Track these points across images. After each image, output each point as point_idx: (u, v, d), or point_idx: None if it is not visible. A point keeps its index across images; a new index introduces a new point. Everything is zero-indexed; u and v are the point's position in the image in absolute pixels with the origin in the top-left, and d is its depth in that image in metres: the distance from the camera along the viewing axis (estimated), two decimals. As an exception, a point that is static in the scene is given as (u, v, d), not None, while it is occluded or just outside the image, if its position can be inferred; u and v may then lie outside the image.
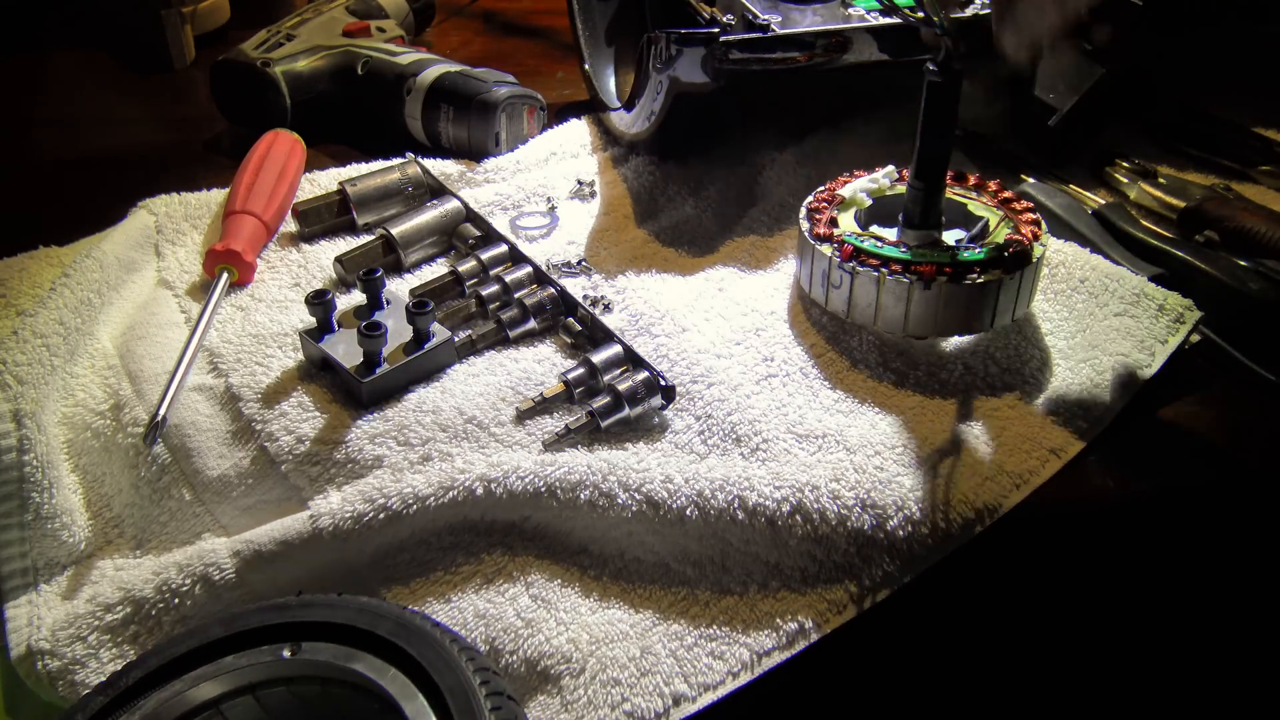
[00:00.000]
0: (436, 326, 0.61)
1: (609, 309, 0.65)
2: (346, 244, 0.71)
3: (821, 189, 0.66)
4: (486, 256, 0.67)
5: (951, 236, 0.61)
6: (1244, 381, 0.60)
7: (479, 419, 0.57)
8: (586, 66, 0.87)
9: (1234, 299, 0.61)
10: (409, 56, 0.84)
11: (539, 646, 0.49)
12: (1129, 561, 0.57)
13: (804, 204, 0.64)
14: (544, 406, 0.58)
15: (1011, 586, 0.57)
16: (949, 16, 0.65)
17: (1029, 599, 0.58)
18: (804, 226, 0.62)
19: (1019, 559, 0.55)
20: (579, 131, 0.84)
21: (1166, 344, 0.59)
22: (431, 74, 0.81)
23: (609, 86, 0.86)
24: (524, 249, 0.68)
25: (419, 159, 0.76)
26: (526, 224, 0.73)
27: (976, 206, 0.63)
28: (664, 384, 0.57)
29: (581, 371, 0.59)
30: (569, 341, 0.63)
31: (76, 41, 1.05)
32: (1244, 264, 0.64)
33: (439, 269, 0.70)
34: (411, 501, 0.51)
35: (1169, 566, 0.58)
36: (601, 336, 0.61)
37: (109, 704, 0.40)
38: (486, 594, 0.51)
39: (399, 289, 0.65)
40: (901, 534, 0.50)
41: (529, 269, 0.65)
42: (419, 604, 0.51)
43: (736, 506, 0.51)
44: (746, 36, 0.67)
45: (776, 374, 0.60)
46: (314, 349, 0.60)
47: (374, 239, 0.69)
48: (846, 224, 0.62)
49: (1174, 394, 0.59)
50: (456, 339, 0.61)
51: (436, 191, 0.74)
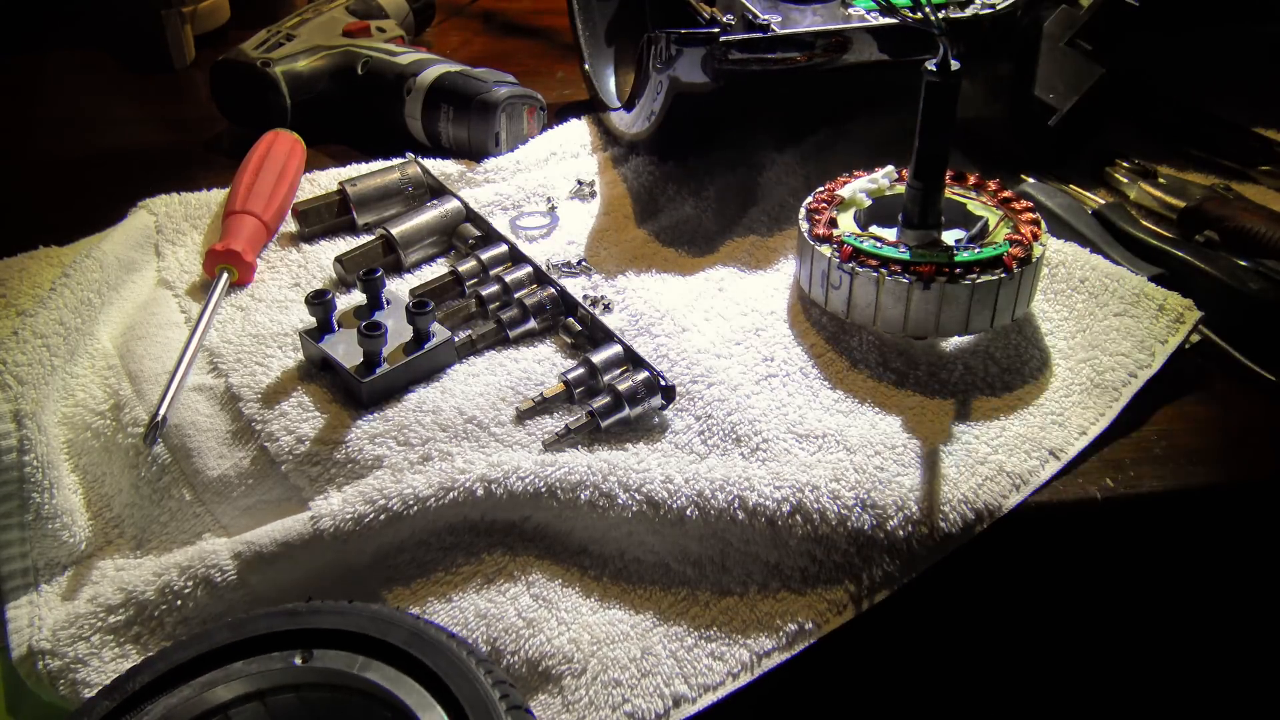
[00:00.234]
0: (436, 326, 0.61)
1: (609, 309, 0.65)
2: (346, 244, 0.71)
3: (821, 189, 0.66)
4: (486, 256, 0.67)
5: (951, 236, 0.61)
6: (1244, 381, 0.60)
7: (479, 419, 0.57)
8: (586, 66, 0.87)
9: (1234, 299, 0.61)
10: (409, 56, 0.84)
11: (540, 647, 0.49)
12: (1129, 562, 0.57)
13: (803, 204, 0.64)
14: (544, 406, 0.58)
15: (1011, 586, 0.57)
16: (946, 17, 0.65)
17: (1028, 599, 0.58)
18: (803, 227, 0.62)
19: (1019, 559, 0.55)
20: (579, 131, 0.84)
21: (1166, 344, 0.59)
22: (431, 74, 0.81)
23: (609, 86, 0.86)
24: (524, 249, 0.68)
25: (419, 159, 0.76)
26: (526, 224, 0.73)
27: (976, 206, 0.63)
28: (664, 384, 0.57)
29: (581, 371, 0.59)
30: (569, 341, 0.63)
31: (76, 41, 1.04)
32: (1244, 264, 0.64)
33: (439, 269, 0.70)
34: (412, 502, 0.51)
35: (1169, 567, 0.58)
36: (601, 336, 0.61)
37: (115, 708, 0.40)
38: (487, 594, 0.51)
39: (399, 289, 0.65)
40: (901, 534, 0.50)
41: (529, 269, 0.65)
42: (420, 604, 0.51)
43: (736, 506, 0.51)
44: (746, 36, 0.67)
45: (776, 374, 0.60)
46: (314, 349, 0.60)
47: (374, 239, 0.69)
48: (846, 224, 0.62)
49: (1174, 394, 0.59)
50: (456, 339, 0.61)
51: (436, 191, 0.74)
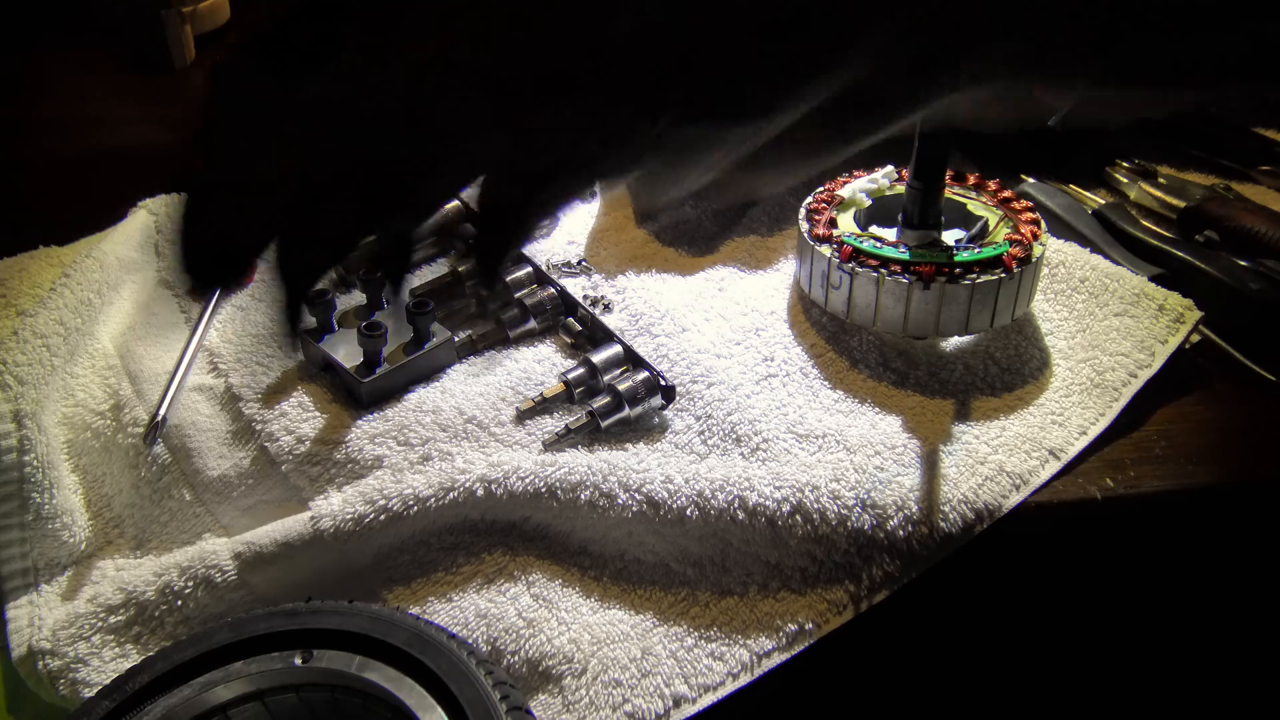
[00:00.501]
0: (436, 326, 0.61)
1: (609, 309, 0.65)
2: (346, 244, 0.71)
3: (821, 189, 0.66)
4: (486, 256, 0.67)
5: (951, 236, 0.61)
6: (1244, 381, 0.60)
7: (479, 419, 0.57)
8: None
9: (1234, 299, 0.61)
10: (409, 56, 0.84)
11: (541, 647, 0.49)
12: (1129, 562, 0.57)
13: (803, 204, 0.64)
14: (544, 406, 0.58)
15: (1011, 586, 0.57)
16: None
17: (1028, 599, 0.58)
18: (803, 227, 0.62)
19: (1019, 559, 0.55)
20: (579, 131, 0.83)
21: (1166, 344, 0.59)
22: (431, 74, 0.81)
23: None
24: (524, 249, 0.68)
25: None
26: (526, 224, 0.73)
27: (976, 206, 0.63)
28: (664, 384, 0.57)
29: (581, 371, 0.59)
30: (569, 341, 0.63)
31: (76, 41, 1.04)
32: (1244, 264, 0.64)
33: (439, 269, 0.70)
34: (412, 502, 0.51)
35: (1169, 567, 0.58)
36: (601, 336, 0.61)
37: (115, 708, 0.40)
38: (488, 594, 0.51)
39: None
40: (901, 534, 0.50)
41: (529, 269, 0.65)
42: (420, 604, 0.51)
43: (737, 506, 0.51)
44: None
45: (776, 374, 0.60)
46: (314, 349, 0.60)
47: (374, 239, 0.69)
48: (846, 224, 0.62)
49: (1174, 394, 0.59)
50: (456, 339, 0.61)
51: (436, 191, 0.74)
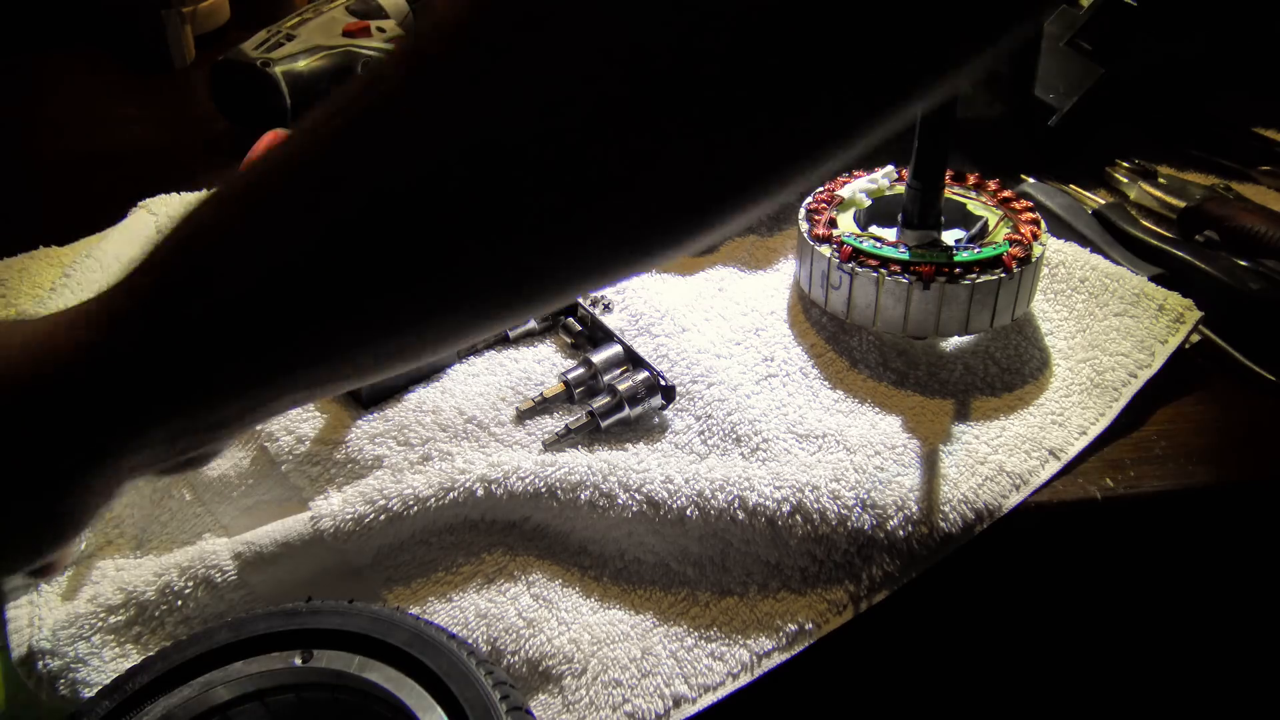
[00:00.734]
0: (437, 327, 0.61)
1: (609, 309, 0.65)
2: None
3: (820, 189, 0.66)
4: (486, 257, 0.67)
5: (951, 236, 0.61)
6: (1244, 381, 0.60)
7: (479, 419, 0.57)
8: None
9: (1234, 299, 0.61)
10: (409, 56, 0.84)
11: (541, 647, 0.49)
12: (1129, 562, 0.57)
13: (803, 204, 0.64)
14: (544, 406, 0.58)
15: (1011, 586, 0.57)
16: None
17: (1028, 599, 0.58)
18: (803, 227, 0.62)
19: (1019, 559, 0.55)
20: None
21: (1166, 344, 0.59)
22: (431, 74, 0.81)
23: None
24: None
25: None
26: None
27: (976, 206, 0.63)
28: (664, 384, 0.57)
29: (581, 371, 0.59)
30: (569, 341, 0.63)
31: (76, 41, 1.04)
32: (1244, 264, 0.64)
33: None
34: (412, 502, 0.51)
35: (1169, 567, 0.58)
36: (601, 336, 0.61)
37: (115, 708, 0.40)
38: (488, 593, 0.51)
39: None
40: (901, 534, 0.50)
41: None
42: (420, 604, 0.51)
43: (737, 506, 0.51)
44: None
45: (776, 374, 0.60)
46: (314, 349, 0.60)
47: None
48: (845, 224, 0.62)
49: (1174, 394, 0.59)
50: (457, 339, 0.61)
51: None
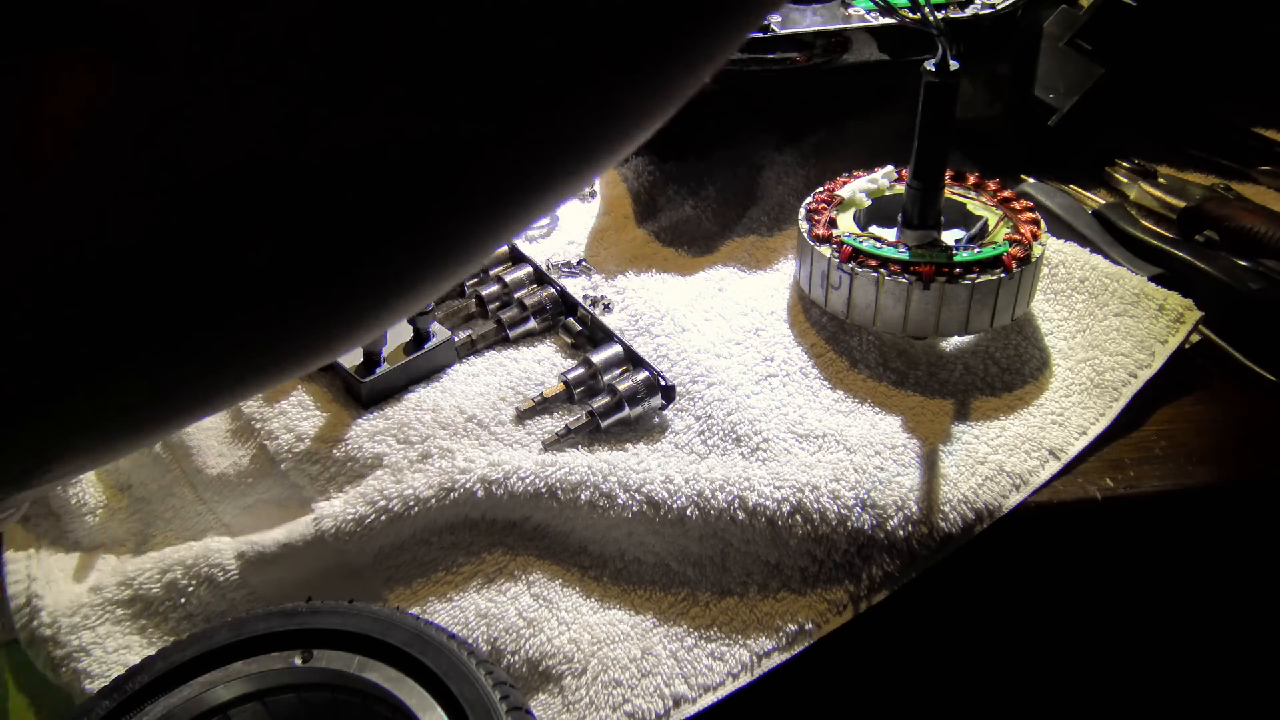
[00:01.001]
0: (436, 326, 0.61)
1: (609, 309, 0.65)
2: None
3: (821, 189, 0.66)
4: (486, 256, 0.67)
5: (951, 236, 0.61)
6: (1244, 381, 0.60)
7: (479, 418, 0.57)
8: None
9: (1234, 299, 0.61)
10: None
11: (541, 646, 0.49)
12: (1129, 562, 0.57)
13: (803, 204, 0.64)
14: (544, 406, 0.58)
15: (1011, 586, 0.57)
16: (946, 17, 0.65)
17: (1028, 599, 0.58)
18: (803, 227, 0.62)
19: (1019, 559, 0.55)
20: (579, 131, 0.83)
21: (1166, 344, 0.59)
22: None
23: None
24: (524, 249, 0.68)
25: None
26: (526, 224, 0.73)
27: (976, 206, 0.63)
28: (664, 384, 0.57)
29: (581, 371, 0.59)
30: (569, 341, 0.63)
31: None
32: (1244, 264, 0.64)
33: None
34: (413, 503, 0.51)
35: (1169, 567, 0.58)
36: (601, 336, 0.61)
37: (115, 708, 0.40)
38: (488, 593, 0.51)
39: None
40: (901, 534, 0.50)
41: (529, 269, 0.65)
42: (421, 604, 0.51)
43: (737, 506, 0.51)
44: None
45: (776, 374, 0.60)
46: (314, 349, 0.60)
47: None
48: (845, 224, 0.62)
49: (1174, 394, 0.59)
50: (456, 339, 0.61)
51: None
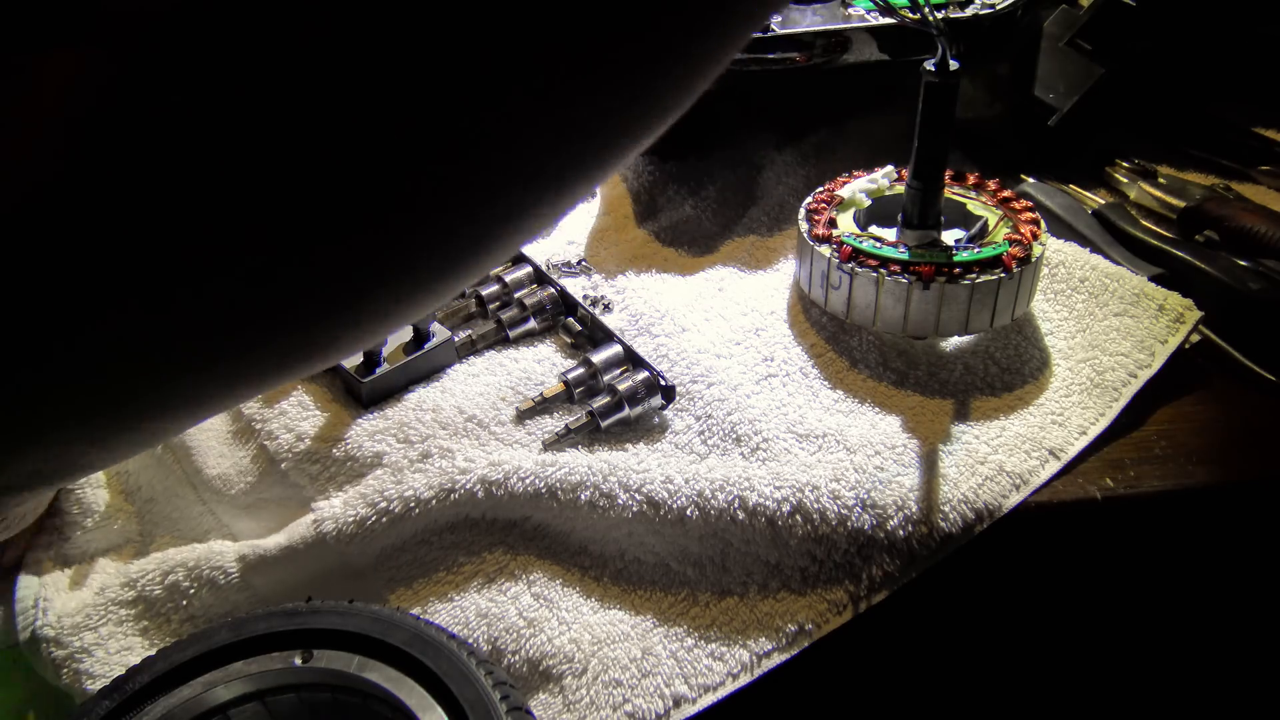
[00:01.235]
0: (436, 326, 0.61)
1: (609, 309, 0.65)
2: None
3: (820, 189, 0.66)
4: (486, 256, 0.67)
5: (951, 236, 0.61)
6: (1244, 381, 0.60)
7: (479, 418, 0.57)
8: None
9: (1234, 299, 0.61)
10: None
11: (541, 646, 0.49)
12: (1129, 562, 0.57)
13: (803, 204, 0.64)
14: (544, 406, 0.58)
15: (1011, 586, 0.57)
16: (946, 17, 0.65)
17: (1028, 599, 0.58)
18: (803, 227, 0.62)
19: (1019, 559, 0.55)
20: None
21: (1166, 344, 0.59)
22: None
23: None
24: (524, 249, 0.68)
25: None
26: (526, 224, 0.73)
27: (976, 206, 0.63)
28: (664, 384, 0.57)
29: (581, 371, 0.59)
30: (569, 341, 0.63)
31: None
32: (1244, 264, 0.64)
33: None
34: (413, 504, 0.51)
35: (1169, 567, 0.58)
36: (601, 336, 0.61)
37: (115, 708, 0.40)
38: (488, 593, 0.51)
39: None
40: (901, 534, 0.50)
41: (529, 269, 0.65)
42: (422, 604, 0.51)
43: (737, 506, 0.51)
44: (747, 36, 0.67)
45: (776, 374, 0.60)
46: (314, 349, 0.60)
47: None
48: (845, 224, 0.62)
49: (1174, 394, 0.59)
50: (456, 339, 0.61)
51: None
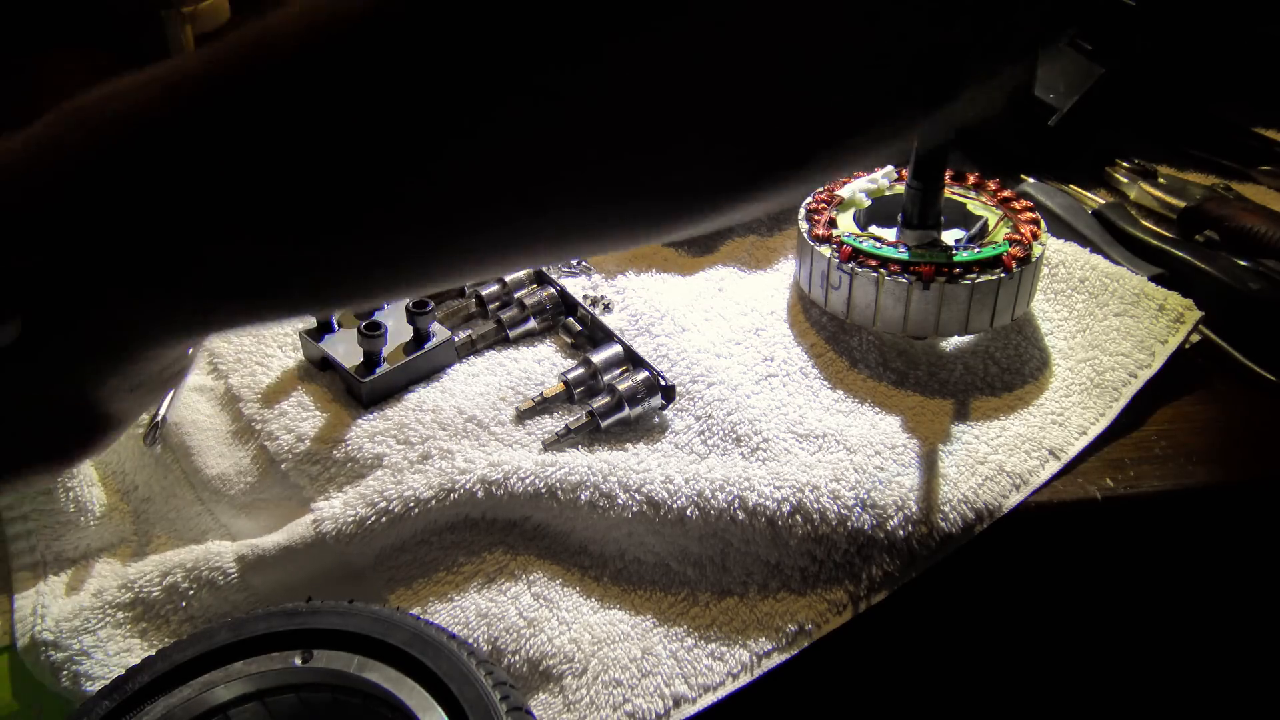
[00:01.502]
0: (436, 326, 0.61)
1: (609, 309, 0.65)
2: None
3: (820, 189, 0.66)
4: (487, 256, 0.67)
5: (951, 236, 0.61)
6: (1244, 381, 0.60)
7: (479, 418, 0.57)
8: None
9: (1234, 299, 0.61)
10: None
11: (541, 646, 0.49)
12: (1129, 562, 0.57)
13: (803, 204, 0.64)
14: (544, 406, 0.58)
15: (1011, 586, 0.57)
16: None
17: (1028, 599, 0.58)
18: (803, 227, 0.62)
19: (1019, 559, 0.55)
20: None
21: (1166, 344, 0.59)
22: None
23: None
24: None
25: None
26: (526, 224, 0.73)
27: (976, 206, 0.63)
28: (664, 384, 0.57)
29: (581, 371, 0.59)
30: (569, 341, 0.63)
31: (77, 41, 1.04)
32: (1244, 264, 0.64)
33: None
34: (413, 504, 0.51)
35: (1169, 567, 0.58)
36: (601, 336, 0.61)
37: (115, 708, 0.40)
38: (488, 593, 0.51)
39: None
40: (901, 534, 0.50)
41: (529, 268, 0.65)
42: (422, 604, 0.51)
43: (737, 506, 0.51)
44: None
45: (776, 374, 0.60)
46: (314, 349, 0.60)
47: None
48: (845, 224, 0.62)
49: (1174, 394, 0.59)
50: (456, 339, 0.61)
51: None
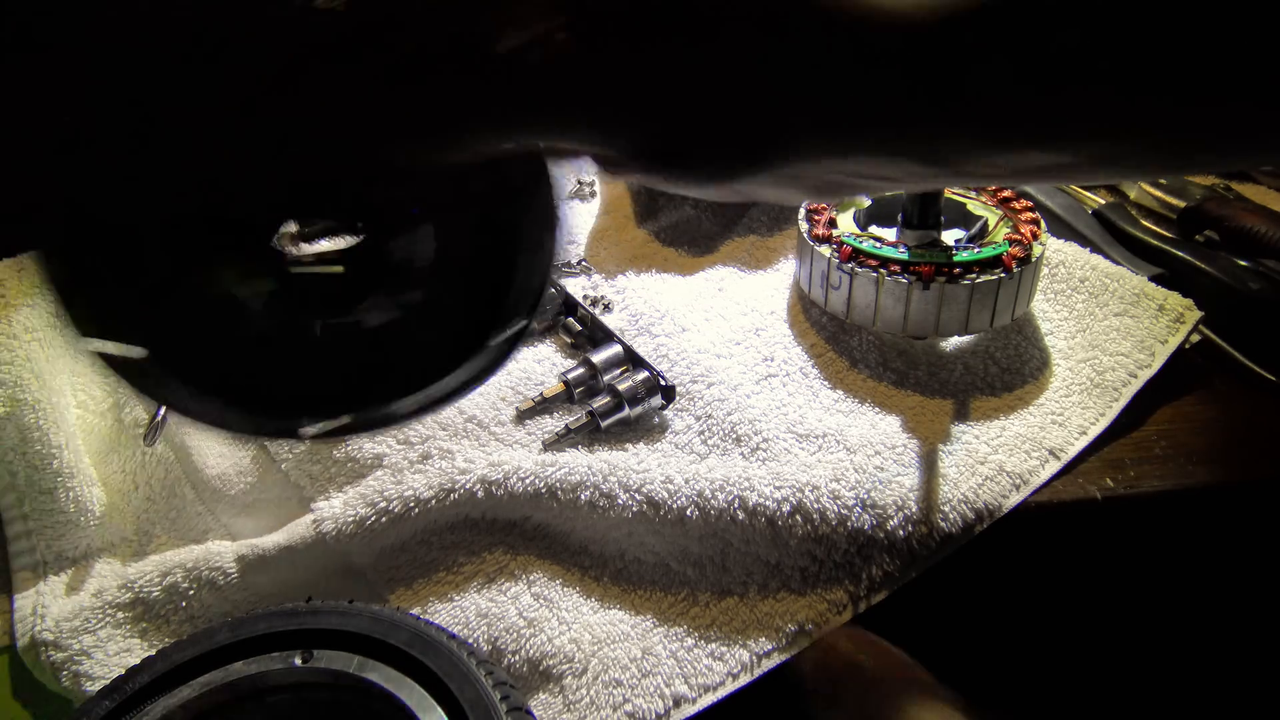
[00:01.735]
0: (437, 326, 0.61)
1: (609, 309, 0.65)
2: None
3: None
4: (487, 256, 0.67)
5: (951, 236, 0.61)
6: (1244, 381, 0.60)
7: (479, 418, 0.57)
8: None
9: (1234, 299, 0.61)
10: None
11: (541, 646, 0.49)
12: (1129, 562, 0.57)
13: (803, 204, 0.64)
14: (544, 406, 0.58)
15: (1011, 586, 0.57)
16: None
17: (1028, 599, 0.58)
18: (803, 228, 0.62)
19: (1019, 559, 0.55)
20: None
21: (1166, 344, 0.59)
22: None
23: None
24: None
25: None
26: (526, 223, 0.73)
27: (976, 206, 0.63)
28: (664, 384, 0.57)
29: (581, 371, 0.59)
30: (569, 341, 0.63)
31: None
32: (1244, 264, 0.64)
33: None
34: (413, 504, 0.51)
35: (1169, 567, 0.58)
36: (601, 336, 0.61)
37: (115, 708, 0.40)
38: (489, 593, 0.51)
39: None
40: (901, 534, 0.50)
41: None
42: (422, 604, 0.51)
43: (737, 506, 0.51)
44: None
45: (776, 374, 0.60)
46: (314, 349, 0.60)
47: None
48: (845, 224, 0.62)
49: (1174, 394, 0.59)
50: (457, 339, 0.61)
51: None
